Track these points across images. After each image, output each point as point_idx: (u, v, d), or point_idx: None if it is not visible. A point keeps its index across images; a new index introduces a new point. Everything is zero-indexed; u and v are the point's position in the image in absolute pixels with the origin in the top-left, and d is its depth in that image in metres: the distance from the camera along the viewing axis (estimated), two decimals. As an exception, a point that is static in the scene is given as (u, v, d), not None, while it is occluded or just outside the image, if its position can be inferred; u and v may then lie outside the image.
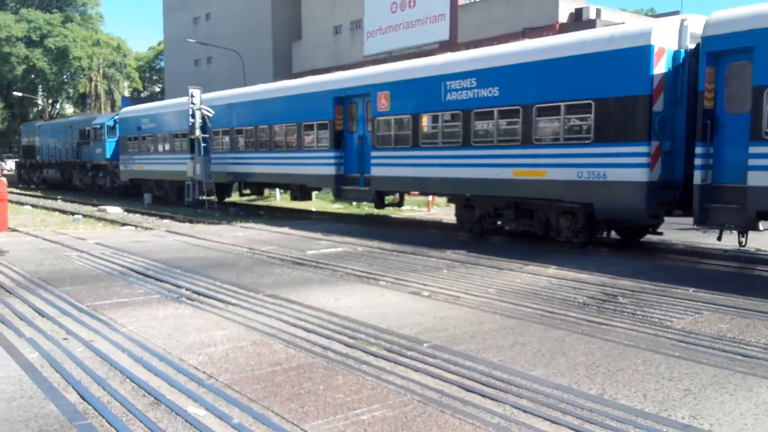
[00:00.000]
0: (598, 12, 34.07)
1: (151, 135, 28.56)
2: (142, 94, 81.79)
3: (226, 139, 23.81)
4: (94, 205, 26.68)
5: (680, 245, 14.25)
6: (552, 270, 10.82)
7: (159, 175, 28.44)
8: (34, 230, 17.67)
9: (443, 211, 22.84)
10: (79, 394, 5.18)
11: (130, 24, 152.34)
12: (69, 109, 74.95)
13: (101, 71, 69.72)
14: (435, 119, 16.07)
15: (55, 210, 25.66)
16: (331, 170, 19.11)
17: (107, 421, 4.65)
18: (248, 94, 23.56)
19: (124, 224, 20.22)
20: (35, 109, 72.90)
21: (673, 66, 11.97)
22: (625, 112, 12.22)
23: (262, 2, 55.40)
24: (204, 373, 5.67)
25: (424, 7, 41.61)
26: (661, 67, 11.85)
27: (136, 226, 19.37)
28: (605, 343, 6.56)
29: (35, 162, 43.02)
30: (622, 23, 17.32)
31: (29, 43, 65.53)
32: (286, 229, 17.02)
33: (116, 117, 32.97)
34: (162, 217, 22.23)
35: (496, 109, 14.41)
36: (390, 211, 22.67)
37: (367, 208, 24.29)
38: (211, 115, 22.84)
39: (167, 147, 27.35)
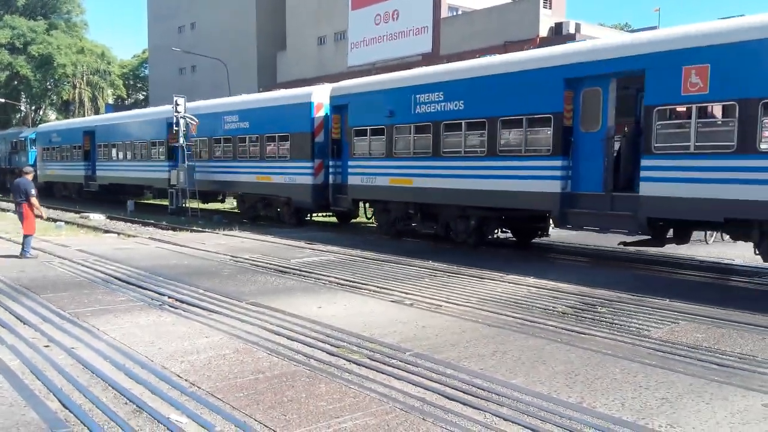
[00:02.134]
0: (578, 26, 34.44)
1: (58, 146, 35.66)
2: (126, 102, 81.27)
3: (112, 151, 31.13)
4: (76, 212, 26.46)
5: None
6: (532, 279, 10.92)
7: (64, 178, 35.61)
8: (16, 236, 17.48)
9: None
10: (60, 401, 5.17)
11: (114, 32, 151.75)
12: (52, 115, 74.19)
13: (85, 78, 69.18)
14: (218, 141, 23.74)
15: (37, 217, 25.40)
16: (165, 175, 25.95)
17: (89, 429, 4.65)
18: (121, 117, 32.77)
19: (106, 231, 20.08)
20: (18, 116, 72.18)
21: (331, 113, 19.13)
22: (301, 142, 19.66)
23: (248, 12, 55.44)
24: (186, 380, 5.68)
25: (407, 20, 41.87)
26: (320, 114, 19.31)
27: (119, 234, 19.24)
28: (584, 351, 6.65)
29: None
30: (597, 38, 18.80)
31: (13, 49, 64.86)
32: (269, 237, 17.01)
33: (36, 131, 39.85)
34: (145, 224, 22.11)
35: (247, 136, 22.06)
36: (372, 220, 22.74)
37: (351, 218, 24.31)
38: (195, 123, 22.95)
39: (68, 155, 34.58)
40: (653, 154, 11.58)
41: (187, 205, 23.75)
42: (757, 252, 11.23)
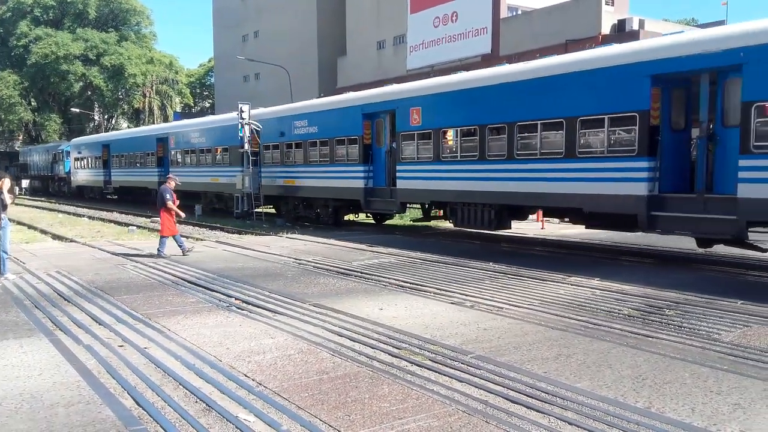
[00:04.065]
0: (641, 23, 33.45)
1: (85, 157, 43.74)
2: (193, 110, 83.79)
3: (122, 160, 38.73)
4: (147, 217, 27.42)
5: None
6: (596, 281, 10.72)
7: (90, 183, 43.80)
8: (90, 241, 18.28)
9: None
10: (134, 399, 5.38)
11: (181, 42, 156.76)
12: (124, 124, 77.19)
13: (154, 88, 71.80)
14: (186, 152, 31.13)
15: (110, 221, 26.48)
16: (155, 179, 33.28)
17: (161, 427, 4.82)
18: (126, 133, 44.92)
19: (175, 236, 20.70)
20: (92, 125, 75.35)
21: (255, 131, 24.73)
22: (236, 153, 25.65)
23: (309, 19, 56.33)
24: (253, 380, 5.84)
25: (466, 21, 41.63)
26: (245, 132, 24.39)
27: (187, 237, 19.77)
28: (651, 355, 6.49)
29: (27, 175, 59.08)
30: (668, 34, 18.61)
31: (86, 61, 67.78)
32: (330, 240, 17.23)
33: (70, 145, 47.77)
34: (212, 228, 22.74)
35: (205, 148, 29.12)
36: (433, 223, 22.96)
37: (409, 220, 24.48)
38: (259, 129, 23.72)
39: (92, 164, 42.57)
40: (401, 161, 18.47)
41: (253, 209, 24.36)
42: (450, 221, 18.22)
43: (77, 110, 68.34)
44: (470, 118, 16.15)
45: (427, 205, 19.46)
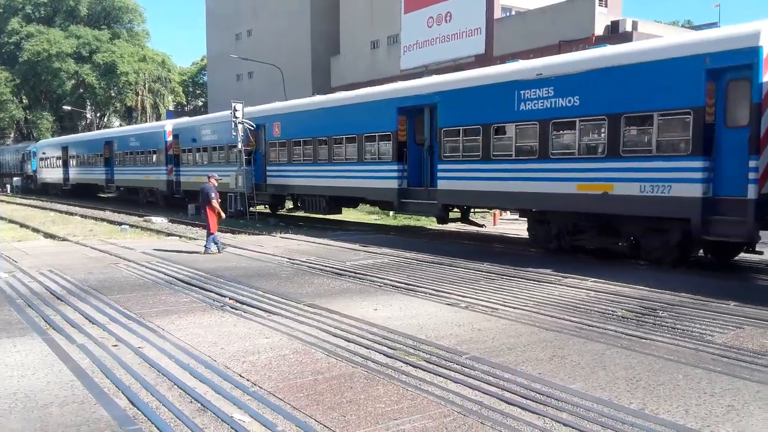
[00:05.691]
0: (635, 24, 33.54)
1: (48, 157, 48.84)
2: (186, 108, 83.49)
3: (78, 160, 43.67)
4: (140, 216, 27.36)
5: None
6: (590, 282, 10.75)
7: (52, 180, 48.73)
8: (83, 239, 18.20)
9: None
10: (128, 399, 5.37)
11: (174, 40, 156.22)
12: (116, 122, 76.89)
13: (147, 86, 71.53)
14: (126, 153, 36.59)
15: (103, 220, 26.38)
16: (103, 176, 39.79)
17: (156, 427, 4.81)
18: (80, 136, 48.97)
19: (169, 234, 20.68)
20: (84, 122, 74.97)
21: (173, 138, 31.59)
22: (161, 154, 32.06)
23: (302, 18, 56.20)
24: (248, 380, 5.83)
25: (460, 22, 41.65)
26: (170, 138, 31.58)
27: (180, 236, 19.78)
28: (645, 357, 6.52)
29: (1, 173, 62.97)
30: (660, 36, 19.16)
31: (78, 58, 67.50)
32: (324, 240, 17.22)
33: (36, 146, 53.47)
34: (205, 227, 22.61)
35: (139, 151, 35.15)
36: (425, 222, 23.07)
37: (403, 220, 24.54)
38: (252, 128, 23.74)
39: (54, 164, 47.40)
40: (269, 163, 24.35)
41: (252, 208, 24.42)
42: (301, 209, 24.06)
43: (69, 108, 67.98)
44: (307, 132, 22.32)
45: (294, 197, 24.80)
